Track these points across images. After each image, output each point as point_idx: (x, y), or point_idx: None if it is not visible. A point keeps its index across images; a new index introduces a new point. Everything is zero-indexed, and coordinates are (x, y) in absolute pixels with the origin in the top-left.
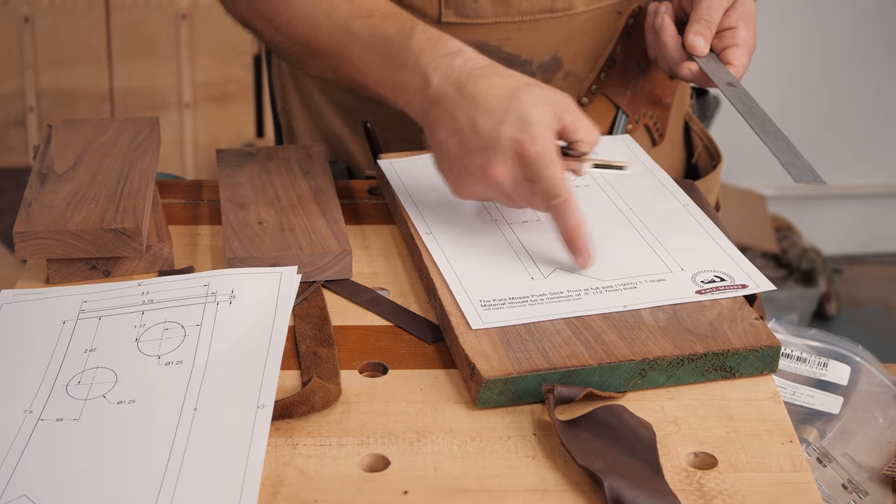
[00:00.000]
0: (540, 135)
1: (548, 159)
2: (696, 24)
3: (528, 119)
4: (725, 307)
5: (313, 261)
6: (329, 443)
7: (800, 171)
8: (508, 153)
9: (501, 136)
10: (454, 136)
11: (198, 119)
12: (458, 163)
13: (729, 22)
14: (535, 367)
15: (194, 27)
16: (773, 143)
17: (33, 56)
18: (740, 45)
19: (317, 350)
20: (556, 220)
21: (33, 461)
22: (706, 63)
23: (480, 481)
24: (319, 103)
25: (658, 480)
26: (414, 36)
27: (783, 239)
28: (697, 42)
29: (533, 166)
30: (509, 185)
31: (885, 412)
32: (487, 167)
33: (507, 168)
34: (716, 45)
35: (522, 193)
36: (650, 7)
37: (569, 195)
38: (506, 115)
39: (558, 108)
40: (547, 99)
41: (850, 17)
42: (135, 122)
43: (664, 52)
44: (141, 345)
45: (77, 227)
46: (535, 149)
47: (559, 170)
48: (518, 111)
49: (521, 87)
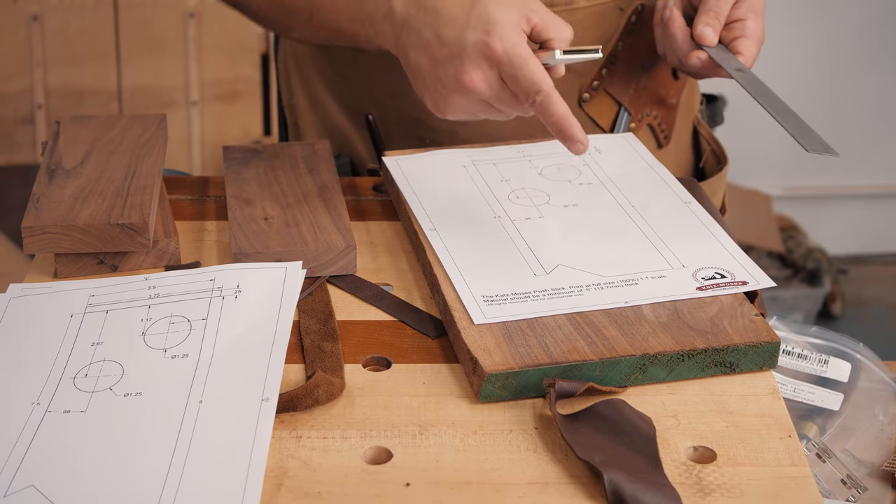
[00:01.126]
0: (506, 33)
1: (519, 57)
2: (704, 15)
3: (492, 20)
4: (726, 303)
5: (318, 256)
6: (332, 435)
7: (811, 142)
8: (477, 57)
9: (467, 42)
10: (423, 52)
11: (205, 117)
12: (432, 79)
13: (738, 13)
14: (536, 362)
15: (202, 25)
16: (784, 119)
17: (42, 54)
18: (749, 35)
19: (321, 344)
20: (542, 115)
21: (41, 452)
22: (715, 52)
23: (482, 474)
24: (324, 98)
25: (657, 474)
26: None
27: (788, 239)
28: (706, 32)
29: (505, 65)
30: (486, 90)
31: (885, 409)
32: (459, 75)
33: (480, 73)
34: (724, 37)
35: (502, 97)
36: (658, 2)
37: (550, 87)
38: (469, 20)
39: (523, 8)
40: (509, 1)
41: (857, 19)
42: (142, 118)
43: (673, 43)
44: (147, 338)
45: (85, 221)
46: (504, 47)
47: (535, 64)
48: (481, 14)
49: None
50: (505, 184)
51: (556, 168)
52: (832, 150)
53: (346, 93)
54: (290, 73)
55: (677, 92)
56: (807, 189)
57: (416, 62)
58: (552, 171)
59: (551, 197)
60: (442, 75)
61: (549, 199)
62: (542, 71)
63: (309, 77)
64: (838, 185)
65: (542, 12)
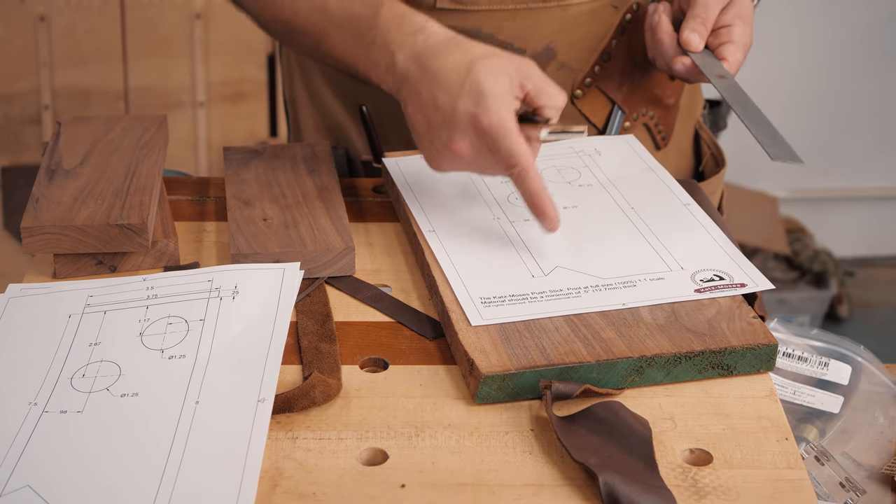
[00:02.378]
0: (494, 106)
1: (503, 130)
2: (691, 20)
3: (483, 92)
4: (724, 306)
5: (317, 257)
6: (328, 436)
7: (778, 150)
8: (466, 127)
9: (458, 111)
10: (420, 112)
11: (211, 118)
12: (426, 139)
13: (725, 20)
14: (533, 364)
15: (209, 26)
16: (756, 127)
17: (49, 54)
18: (735, 41)
19: (318, 345)
20: (518, 187)
21: (37, 452)
22: (700, 58)
23: (477, 475)
24: (322, 91)
25: (653, 476)
26: (380, 14)
27: (795, 241)
28: (692, 38)
29: (490, 137)
30: (473, 157)
31: (885, 412)
32: (450, 143)
33: (468, 141)
34: (711, 42)
35: (486, 164)
36: (650, 7)
37: (527, 163)
38: (462, 88)
39: (518, 76)
40: (503, 68)
41: (864, 21)
42: (143, 119)
43: (660, 48)
44: (145, 339)
45: (84, 222)
46: (490, 121)
47: (516, 139)
48: (473, 84)
49: (478, 60)
50: (504, 185)
51: (556, 170)
52: (797, 158)
53: (344, 87)
54: (293, 67)
55: (674, 93)
56: (813, 191)
57: (413, 118)
58: (552, 172)
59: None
60: (435, 139)
61: None
62: (522, 146)
63: (309, 71)
64: (845, 187)
65: (537, 78)
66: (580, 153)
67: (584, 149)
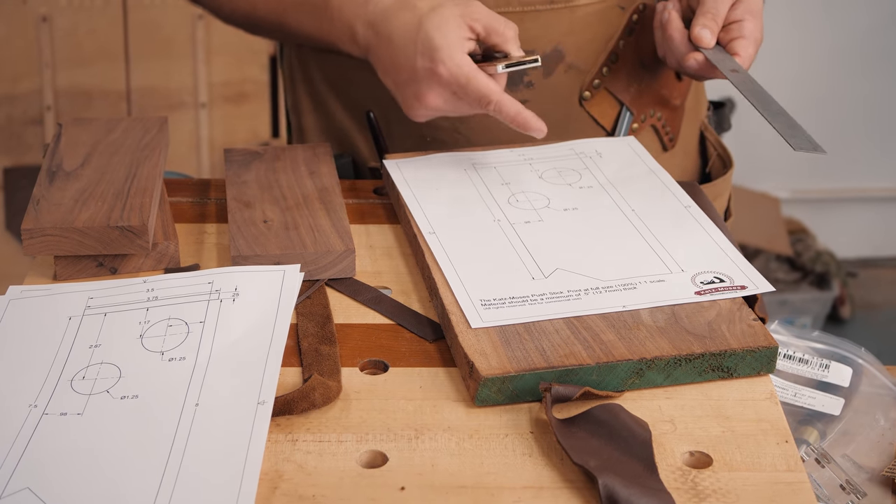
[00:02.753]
0: (448, 57)
1: (463, 77)
2: (702, 17)
3: (434, 46)
4: (724, 308)
5: (317, 259)
6: (328, 439)
7: (799, 140)
8: (429, 82)
9: (417, 69)
10: (387, 75)
11: (214, 119)
12: (399, 96)
13: (735, 15)
14: (533, 366)
15: (211, 27)
16: (774, 119)
17: (51, 55)
18: (746, 36)
19: (318, 347)
20: (499, 117)
21: (37, 455)
22: (712, 54)
23: (477, 478)
24: (327, 98)
25: (653, 479)
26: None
27: (797, 242)
28: (704, 34)
29: (455, 85)
30: (444, 105)
31: (886, 414)
32: (419, 97)
33: (435, 93)
34: (722, 38)
35: (461, 108)
36: (658, 6)
37: (498, 95)
38: (416, 47)
39: (465, 19)
40: (450, 18)
41: (869, 21)
42: (143, 121)
43: (671, 45)
44: (145, 341)
45: (84, 224)
46: (448, 71)
47: (479, 80)
48: (424, 41)
49: (425, 16)
50: (505, 187)
51: (557, 172)
52: (820, 148)
53: (348, 92)
54: (294, 73)
55: (681, 94)
56: (816, 192)
57: (384, 80)
58: (553, 174)
59: (551, 200)
60: (406, 95)
61: (549, 202)
62: (487, 82)
63: (312, 77)
64: (848, 187)
65: (484, 18)
66: (581, 155)
67: (585, 151)
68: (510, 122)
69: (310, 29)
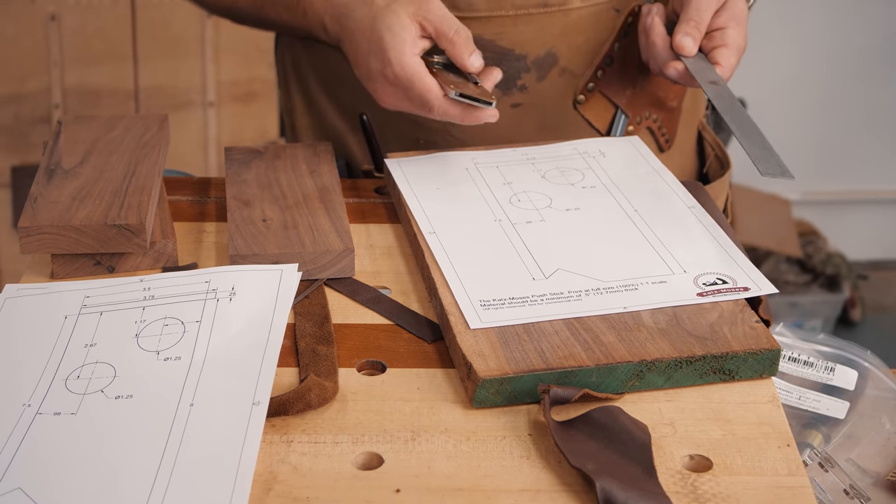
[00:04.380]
0: (396, 59)
1: (406, 79)
2: (684, 24)
3: (384, 47)
4: (726, 310)
5: (316, 259)
6: (324, 440)
7: (769, 165)
8: (382, 81)
9: (371, 69)
10: (356, 68)
11: (222, 118)
12: (368, 89)
13: (719, 22)
14: (531, 368)
15: (219, 26)
16: (746, 139)
17: (59, 54)
18: (729, 45)
19: (316, 348)
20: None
21: (30, 454)
22: (693, 62)
23: (473, 481)
24: (319, 100)
25: (651, 482)
26: None
27: (808, 244)
28: (686, 43)
29: (401, 87)
30: (400, 104)
31: (891, 417)
32: (377, 94)
33: (388, 92)
34: (705, 46)
35: (413, 108)
36: (643, 8)
37: (438, 101)
38: (369, 46)
39: (416, 18)
40: (401, 18)
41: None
42: (144, 119)
43: (653, 52)
44: (141, 340)
45: (81, 222)
46: (395, 73)
47: (425, 81)
48: (376, 41)
49: (378, 14)
50: (507, 187)
51: (560, 171)
52: (788, 173)
53: (341, 94)
54: (288, 75)
55: (677, 95)
56: (826, 194)
57: (356, 72)
58: (555, 174)
59: (553, 200)
60: (370, 89)
61: (551, 202)
62: (431, 86)
63: (305, 79)
64: (858, 189)
65: (436, 20)
66: (584, 154)
67: (589, 150)
68: (462, 122)
69: (288, 20)
